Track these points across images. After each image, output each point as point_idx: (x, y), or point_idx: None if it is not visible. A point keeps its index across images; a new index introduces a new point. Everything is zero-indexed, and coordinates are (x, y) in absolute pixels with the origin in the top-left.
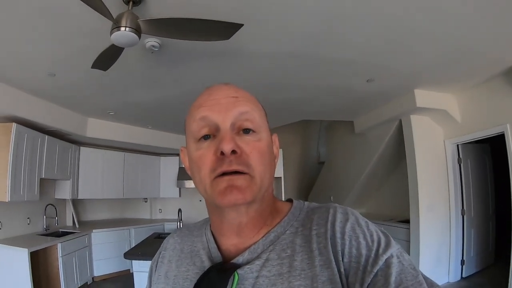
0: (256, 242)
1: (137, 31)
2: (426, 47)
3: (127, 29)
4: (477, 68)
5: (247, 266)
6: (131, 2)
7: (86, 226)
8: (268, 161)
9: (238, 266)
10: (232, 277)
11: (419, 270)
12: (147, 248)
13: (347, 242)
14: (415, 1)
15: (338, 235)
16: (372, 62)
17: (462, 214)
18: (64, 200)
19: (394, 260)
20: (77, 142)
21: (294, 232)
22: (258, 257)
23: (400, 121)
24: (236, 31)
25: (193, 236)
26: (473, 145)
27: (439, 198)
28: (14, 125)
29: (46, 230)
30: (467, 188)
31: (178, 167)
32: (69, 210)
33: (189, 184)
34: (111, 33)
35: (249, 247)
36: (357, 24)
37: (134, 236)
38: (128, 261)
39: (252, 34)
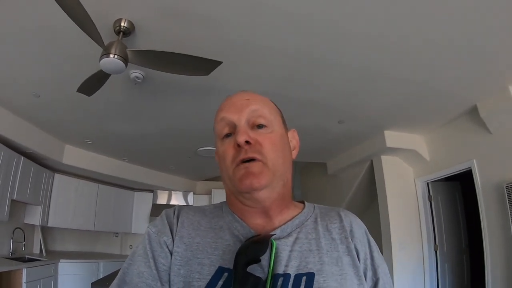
0: (285, 224)
1: (125, 59)
2: (392, 89)
3: (116, 56)
4: (442, 108)
5: (283, 239)
6: (121, 33)
7: (53, 255)
8: (281, 150)
9: (272, 237)
10: (270, 245)
11: None
12: None
13: (360, 241)
14: (380, 45)
15: (355, 232)
16: (343, 103)
17: (435, 250)
18: (33, 226)
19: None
20: (52, 168)
21: (315, 221)
22: (288, 235)
23: (371, 161)
24: (216, 67)
25: (207, 215)
26: (443, 183)
27: (411, 235)
28: None
29: (11, 254)
30: (439, 224)
31: (151, 203)
32: (37, 237)
33: None
34: (100, 58)
35: (278, 226)
36: (326, 67)
37: (103, 270)
38: None
39: (230, 73)
